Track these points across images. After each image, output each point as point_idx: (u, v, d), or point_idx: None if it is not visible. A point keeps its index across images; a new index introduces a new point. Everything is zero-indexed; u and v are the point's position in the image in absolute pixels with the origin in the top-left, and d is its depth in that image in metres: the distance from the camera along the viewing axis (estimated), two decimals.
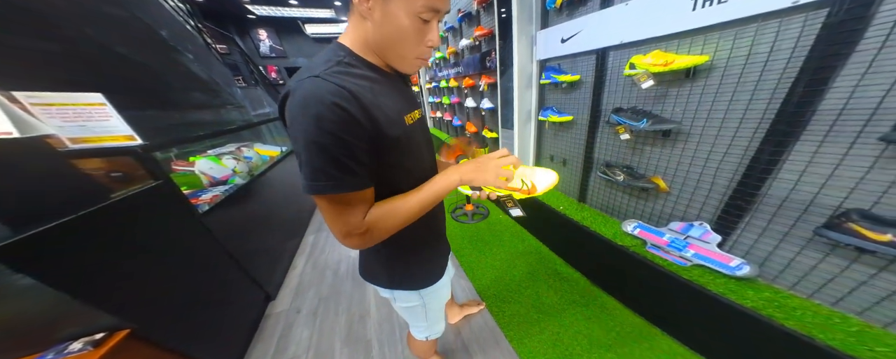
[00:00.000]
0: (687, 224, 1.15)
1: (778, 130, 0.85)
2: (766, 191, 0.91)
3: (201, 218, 1.28)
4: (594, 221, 1.53)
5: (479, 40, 2.45)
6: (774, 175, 0.88)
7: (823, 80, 0.74)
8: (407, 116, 0.52)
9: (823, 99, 0.75)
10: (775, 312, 0.86)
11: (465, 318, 1.44)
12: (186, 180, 1.56)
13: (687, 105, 1.08)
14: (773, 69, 0.84)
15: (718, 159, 1.03)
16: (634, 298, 1.33)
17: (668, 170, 1.21)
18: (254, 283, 1.58)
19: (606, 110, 1.44)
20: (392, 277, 0.67)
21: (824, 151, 0.77)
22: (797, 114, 0.80)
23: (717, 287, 0.99)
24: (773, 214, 0.91)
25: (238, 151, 1.94)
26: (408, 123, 0.51)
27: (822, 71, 0.74)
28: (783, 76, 0.82)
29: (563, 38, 1.56)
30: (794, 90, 0.79)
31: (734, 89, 0.93)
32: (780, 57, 0.82)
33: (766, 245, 0.95)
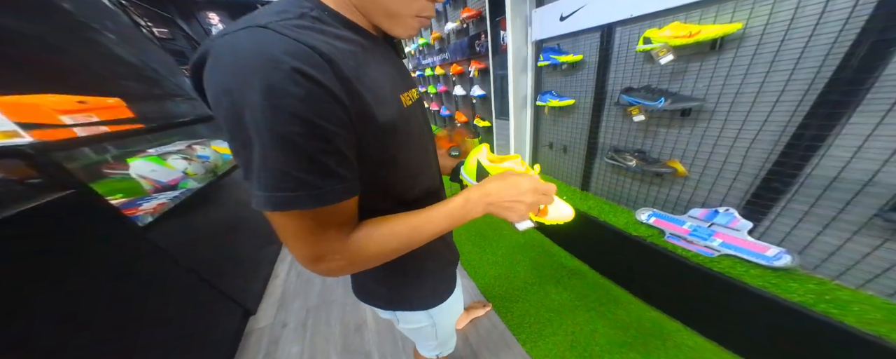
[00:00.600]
0: (711, 211, 1.04)
1: (828, 102, 0.73)
2: (810, 171, 0.81)
3: (143, 232, 1.02)
4: (601, 210, 1.41)
5: (467, 23, 2.25)
6: (823, 152, 0.77)
7: (893, 41, 0.62)
8: (403, 94, 0.38)
9: (893, 61, 0.64)
10: (829, 307, 0.76)
11: (472, 322, 1.30)
12: (124, 187, 1.25)
13: (712, 80, 0.95)
14: (823, 33, 0.71)
15: (750, 138, 0.91)
16: (652, 291, 1.23)
17: (688, 153, 1.09)
18: (227, 298, 1.35)
19: (613, 91, 1.30)
20: (393, 297, 0.53)
21: (891, 122, 0.66)
22: (855, 82, 0.68)
23: (753, 280, 0.89)
24: (817, 196, 0.80)
25: (189, 149, 1.58)
26: (405, 103, 0.38)
27: (892, 29, 0.62)
28: (838, 40, 0.69)
29: (563, 15, 1.39)
30: (852, 53, 0.67)
31: (773, 59, 0.80)
32: (834, 17, 0.69)
33: (807, 231, 0.85)
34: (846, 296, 0.79)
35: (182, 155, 1.49)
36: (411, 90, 0.42)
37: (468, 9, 2.16)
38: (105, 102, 1.30)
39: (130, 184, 1.29)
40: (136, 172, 1.30)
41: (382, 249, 0.36)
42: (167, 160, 1.42)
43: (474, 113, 2.58)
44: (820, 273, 0.87)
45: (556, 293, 1.38)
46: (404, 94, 0.39)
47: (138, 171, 1.30)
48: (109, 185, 1.24)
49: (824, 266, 0.85)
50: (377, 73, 0.34)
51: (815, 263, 0.86)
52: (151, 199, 1.22)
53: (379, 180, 0.37)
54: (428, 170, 0.47)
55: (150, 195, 1.28)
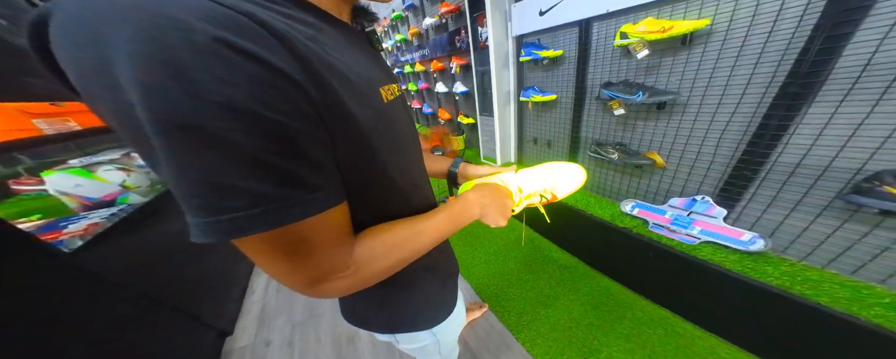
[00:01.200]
0: (689, 199, 1.11)
1: (789, 93, 0.79)
2: (775, 158, 0.87)
3: (71, 259, 0.94)
4: (588, 203, 1.46)
5: (446, 18, 2.24)
6: (786, 141, 0.84)
7: (841, 37, 0.68)
8: (383, 88, 0.33)
9: (841, 55, 0.70)
10: (803, 288, 0.83)
11: (470, 324, 1.32)
12: (41, 206, 1.06)
13: (684, 74, 1.00)
14: (782, 29, 0.77)
15: (721, 129, 0.97)
16: (641, 280, 1.30)
17: (665, 144, 1.15)
18: (194, 320, 1.28)
19: (593, 86, 1.34)
20: (392, 320, 0.49)
21: (844, 111, 0.72)
22: (812, 74, 0.74)
23: (733, 265, 0.95)
24: (783, 182, 0.87)
25: (127, 158, 1.38)
26: (385, 98, 0.33)
27: (841, 26, 0.67)
28: (795, 35, 0.75)
29: (542, 10, 1.42)
30: (808, 48, 0.73)
31: (738, 53, 0.86)
32: (791, 14, 0.75)
33: (775, 216, 0.92)
34: (815, 276, 0.86)
35: (117, 165, 1.31)
36: (392, 85, 0.37)
37: (446, 3, 2.15)
38: None
39: (50, 202, 1.09)
40: (55, 187, 1.10)
41: (389, 260, 0.33)
42: (97, 172, 1.24)
43: (458, 110, 2.59)
44: (790, 255, 0.94)
45: (550, 289, 1.43)
46: (384, 87, 0.33)
47: (58, 186, 1.11)
48: (21, 204, 1.02)
49: (793, 248, 0.92)
50: (351, 59, 0.28)
51: (784, 246, 0.94)
52: (79, 218, 1.09)
53: (361, 190, 0.32)
54: (418, 176, 0.43)
55: (77, 214, 1.12)
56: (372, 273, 0.32)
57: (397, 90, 0.39)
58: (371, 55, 0.37)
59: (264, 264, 0.26)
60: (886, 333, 0.69)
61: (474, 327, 1.30)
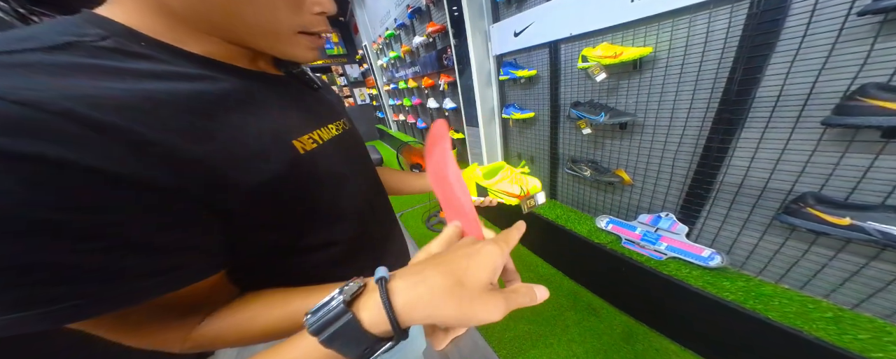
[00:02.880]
0: (655, 216, 1.19)
1: (723, 118, 0.89)
2: (721, 179, 0.96)
3: None
4: (568, 218, 1.56)
5: (433, 37, 2.42)
6: (727, 162, 0.93)
7: (757, 69, 0.78)
8: (303, 137, 0.34)
9: (760, 86, 0.80)
10: (755, 303, 0.90)
11: (454, 341, 1.41)
12: None
13: (639, 97, 1.11)
14: (710, 59, 0.88)
15: (674, 149, 1.07)
16: (619, 295, 1.38)
17: (630, 162, 1.25)
18: None
19: (566, 105, 1.46)
20: None
21: (770, 137, 0.82)
22: (738, 102, 0.84)
23: (695, 281, 1.03)
24: (731, 201, 0.96)
25: None
26: (306, 148, 0.34)
27: (754, 59, 0.78)
28: (720, 66, 0.86)
29: (516, 31, 1.56)
30: (732, 78, 0.83)
31: (678, 80, 0.97)
32: (714, 47, 0.86)
33: (730, 233, 1.01)
34: (768, 291, 0.93)
35: None
36: (322, 128, 0.38)
37: (433, 23, 2.33)
38: None
39: None
40: None
41: (239, 341, 0.30)
42: None
43: (449, 125, 2.74)
44: (747, 270, 1.02)
45: (535, 305, 1.51)
46: (307, 135, 0.35)
47: None
48: None
49: (749, 264, 1.00)
50: (249, 116, 0.29)
51: (741, 262, 1.01)
52: None
53: (287, 235, 0.33)
54: (351, 213, 0.42)
55: None
56: (213, 347, 0.30)
57: (337, 128, 0.41)
58: (294, 100, 0.37)
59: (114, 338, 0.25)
60: (828, 346, 0.76)
61: (458, 345, 1.39)
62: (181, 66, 0.26)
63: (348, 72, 5.83)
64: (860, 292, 0.79)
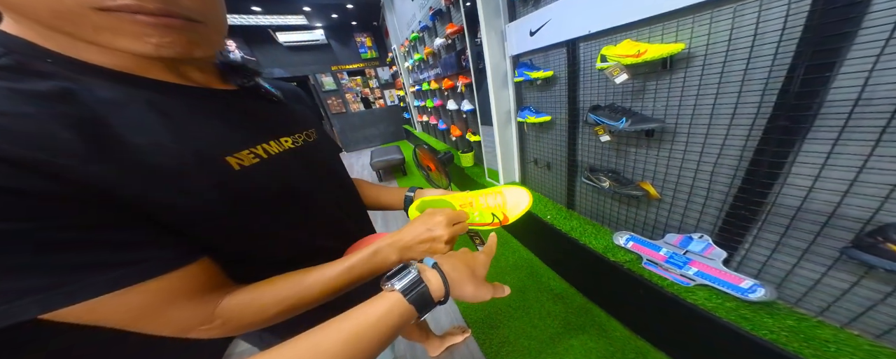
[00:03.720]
0: (685, 237, 1.00)
1: (779, 127, 0.69)
2: (773, 199, 0.76)
3: None
4: (584, 232, 1.39)
5: (452, 38, 2.33)
6: (783, 180, 0.73)
7: (828, 66, 0.59)
8: (244, 151, 0.33)
9: (831, 87, 0.60)
10: (802, 346, 0.71)
11: (448, 349, 1.33)
12: None
13: (669, 100, 0.93)
14: (761, 55, 0.69)
15: (712, 161, 0.88)
16: (634, 318, 1.20)
17: (658, 174, 1.06)
18: None
19: (584, 109, 1.29)
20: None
21: (843, 151, 0.62)
22: (799, 106, 0.65)
23: (727, 314, 0.85)
24: (787, 226, 0.76)
25: None
26: (243, 163, 0.32)
27: (823, 53, 0.58)
28: (775, 62, 0.67)
29: (532, 30, 1.42)
30: (791, 78, 0.64)
31: (719, 80, 0.78)
32: (768, 40, 0.66)
33: (784, 263, 0.80)
34: (826, 334, 0.73)
35: None
36: (273, 141, 0.37)
37: (452, 24, 2.23)
38: None
39: None
40: None
41: (266, 314, 0.33)
42: None
43: (467, 127, 2.63)
44: (803, 308, 0.80)
45: (540, 319, 1.38)
46: (248, 150, 0.33)
47: None
48: None
49: (807, 301, 0.79)
50: (161, 137, 0.27)
51: (796, 297, 0.80)
52: None
53: (240, 248, 0.34)
54: (316, 223, 0.42)
55: None
56: (245, 325, 0.33)
57: (295, 140, 0.40)
58: (242, 113, 0.36)
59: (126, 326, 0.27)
60: None
61: (453, 354, 1.31)
62: (86, 83, 0.25)
63: (380, 74, 5.92)
64: None
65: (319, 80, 5.40)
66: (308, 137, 0.43)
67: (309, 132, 0.44)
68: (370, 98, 6.03)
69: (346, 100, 5.77)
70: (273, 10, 4.00)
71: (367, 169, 4.44)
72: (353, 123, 6.00)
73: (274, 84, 0.47)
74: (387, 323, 0.30)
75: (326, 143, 0.51)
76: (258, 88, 0.41)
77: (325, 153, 0.48)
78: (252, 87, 0.40)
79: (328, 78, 5.47)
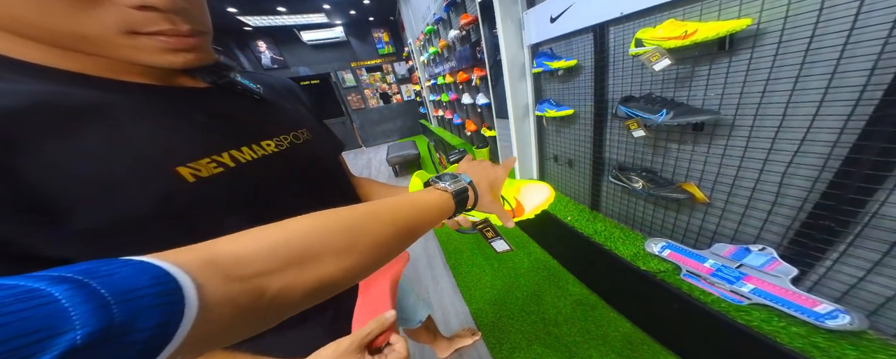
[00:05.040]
0: (740, 248, 0.82)
1: (887, 117, 0.51)
2: (875, 208, 0.58)
3: None
4: (610, 236, 1.22)
5: (466, 29, 2.15)
6: (891, 185, 0.54)
7: None
8: (204, 160, 0.28)
9: None
10: None
11: (457, 352, 1.24)
12: None
13: (726, 87, 0.74)
14: (864, 27, 0.49)
15: (784, 162, 0.69)
16: (667, 334, 1.03)
17: (707, 175, 0.87)
18: None
19: (614, 100, 1.11)
20: None
21: None
22: None
23: (792, 340, 0.68)
24: (893, 243, 0.57)
25: None
26: (201, 174, 0.27)
27: None
28: (889, 40, 0.47)
29: (553, 16, 1.23)
30: None
31: (802, 61, 0.59)
32: (876, 7, 0.47)
33: (883, 287, 0.62)
34: None
35: None
36: (246, 147, 0.31)
37: (466, 14, 2.06)
38: None
39: None
40: None
41: None
42: None
43: (482, 121, 2.47)
44: None
45: (555, 326, 1.25)
46: (209, 158, 0.28)
47: None
48: None
49: None
50: (93, 146, 0.23)
51: (894, 329, 0.62)
52: None
53: None
54: None
55: None
56: None
57: (277, 144, 0.34)
58: (213, 116, 0.31)
59: None
60: None
61: (462, 356, 1.22)
62: (18, 82, 0.22)
63: (396, 69, 5.81)
64: None
65: (341, 78, 5.38)
66: (296, 139, 0.38)
67: (298, 133, 0.39)
68: (389, 93, 5.95)
69: (364, 96, 5.72)
70: (296, 10, 4.01)
71: (384, 164, 4.40)
72: (372, 119, 5.98)
73: (257, 79, 0.41)
74: (436, 212, 0.32)
75: (322, 143, 0.44)
76: (233, 85, 0.36)
77: (319, 155, 0.43)
78: (226, 85, 0.35)
79: (349, 75, 5.44)
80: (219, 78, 0.34)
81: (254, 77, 0.41)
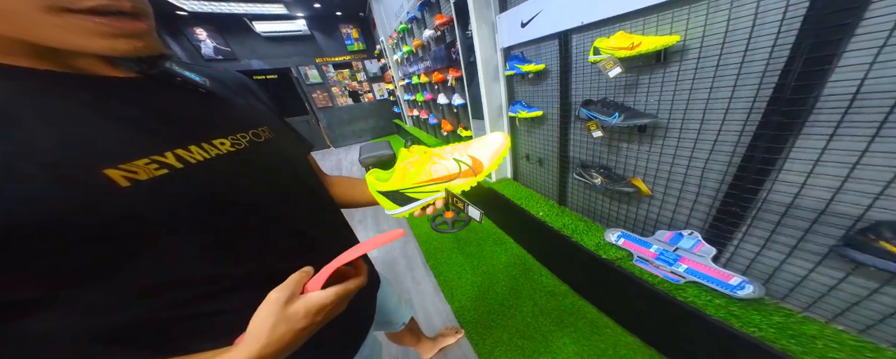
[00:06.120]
0: (675, 234, 1.00)
1: (772, 122, 0.68)
2: (765, 195, 0.76)
3: None
4: (576, 228, 1.38)
5: (441, 30, 2.26)
6: (774, 176, 0.72)
7: (826, 59, 0.57)
8: (141, 161, 0.25)
9: (829, 81, 0.59)
10: (789, 342, 0.72)
11: (442, 351, 1.32)
12: None
13: (662, 94, 0.91)
14: (758, 47, 0.67)
15: (704, 158, 0.87)
16: (627, 316, 1.20)
17: (650, 170, 1.05)
18: None
19: (577, 103, 1.27)
20: None
21: (838, 148, 0.61)
22: (795, 101, 0.63)
23: (716, 311, 0.85)
24: (776, 223, 0.75)
25: None
26: (138, 177, 0.24)
27: (822, 46, 0.57)
28: (772, 56, 0.65)
29: (523, 21, 1.38)
30: (788, 71, 0.63)
31: (714, 74, 0.76)
32: (765, 32, 0.65)
33: (772, 260, 0.80)
34: (812, 331, 0.73)
35: None
36: (194, 146, 0.29)
37: (441, 15, 2.17)
38: None
39: None
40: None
41: None
42: None
43: (458, 122, 2.59)
44: (790, 304, 0.81)
45: (533, 317, 1.37)
46: (147, 159, 0.25)
47: None
48: None
49: (794, 297, 0.79)
50: (40, 139, 0.21)
51: (783, 293, 0.81)
52: None
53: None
54: (250, 251, 0.33)
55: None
56: None
57: (233, 143, 0.32)
58: (149, 110, 0.28)
59: None
60: None
61: (446, 355, 1.30)
62: None
63: (368, 67, 5.78)
64: None
65: (303, 73, 5.22)
66: (256, 137, 0.35)
67: (258, 131, 0.37)
68: (359, 91, 5.88)
69: (332, 93, 5.61)
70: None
71: (356, 165, 4.35)
72: (342, 118, 5.86)
73: (200, 71, 0.38)
74: None
75: (286, 142, 0.43)
76: (171, 76, 0.32)
77: (285, 155, 0.41)
78: (161, 76, 0.31)
79: (313, 70, 5.29)
80: (149, 67, 0.31)
81: (195, 69, 0.38)
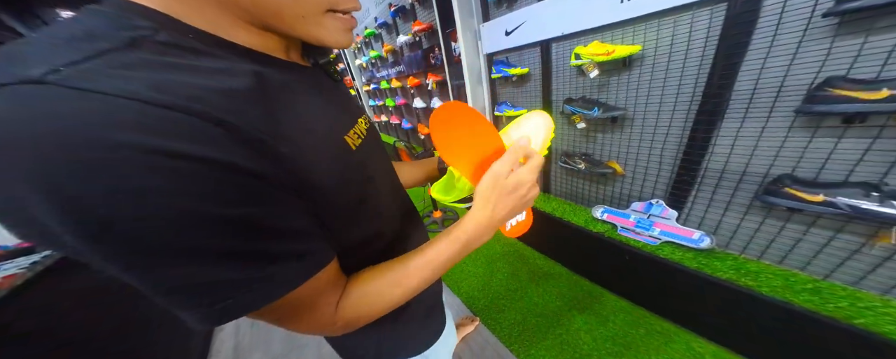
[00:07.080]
0: (647, 203, 1.29)
1: (706, 110, 0.99)
2: (705, 165, 1.07)
3: None
4: (564, 211, 1.64)
5: (419, 36, 2.45)
6: (711, 150, 1.04)
7: (734, 65, 0.89)
8: (349, 133, 0.33)
9: (737, 80, 0.90)
10: (747, 280, 1.00)
11: (464, 339, 1.42)
12: None
13: (628, 92, 1.20)
14: (693, 56, 0.98)
15: (662, 140, 1.17)
16: (619, 282, 1.47)
17: (621, 153, 1.35)
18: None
19: (557, 101, 1.54)
20: (382, 350, 0.49)
21: (748, 126, 0.93)
22: (718, 94, 0.94)
23: (690, 263, 1.13)
24: (715, 185, 1.07)
25: None
26: (353, 144, 0.33)
27: (732, 55, 0.88)
28: (703, 62, 0.96)
29: (507, 30, 1.63)
30: (713, 73, 0.94)
31: (665, 75, 1.06)
32: (697, 44, 0.96)
33: (715, 215, 1.12)
34: (754, 268, 1.04)
35: None
36: (358, 124, 0.37)
37: (419, 22, 2.36)
38: None
39: None
40: None
41: (377, 307, 0.33)
42: None
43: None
44: (732, 250, 1.13)
45: (538, 296, 1.57)
46: (351, 132, 0.33)
47: None
48: None
49: (733, 243, 1.12)
50: (303, 112, 0.27)
51: (726, 241, 1.13)
52: None
53: (342, 240, 0.33)
54: (397, 208, 0.45)
55: None
56: (367, 318, 0.33)
57: (364, 126, 0.39)
58: (331, 95, 0.35)
59: (270, 322, 0.28)
60: (816, 316, 0.85)
61: (469, 342, 1.41)
62: (233, 60, 0.24)
63: None
64: (829, 262, 0.91)
65: None
66: (367, 121, 0.42)
67: (366, 118, 0.43)
68: None
69: None
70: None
71: None
72: None
73: None
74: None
75: None
76: (328, 66, 0.40)
77: (380, 137, 0.48)
78: (324, 65, 0.39)
79: None
80: (320, 56, 0.39)
81: None
